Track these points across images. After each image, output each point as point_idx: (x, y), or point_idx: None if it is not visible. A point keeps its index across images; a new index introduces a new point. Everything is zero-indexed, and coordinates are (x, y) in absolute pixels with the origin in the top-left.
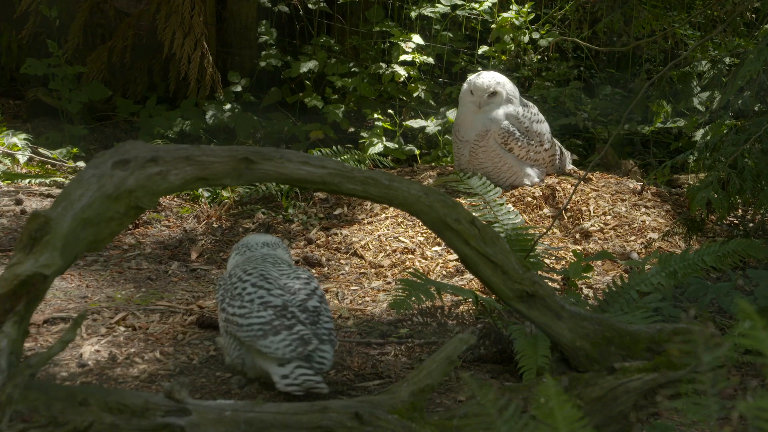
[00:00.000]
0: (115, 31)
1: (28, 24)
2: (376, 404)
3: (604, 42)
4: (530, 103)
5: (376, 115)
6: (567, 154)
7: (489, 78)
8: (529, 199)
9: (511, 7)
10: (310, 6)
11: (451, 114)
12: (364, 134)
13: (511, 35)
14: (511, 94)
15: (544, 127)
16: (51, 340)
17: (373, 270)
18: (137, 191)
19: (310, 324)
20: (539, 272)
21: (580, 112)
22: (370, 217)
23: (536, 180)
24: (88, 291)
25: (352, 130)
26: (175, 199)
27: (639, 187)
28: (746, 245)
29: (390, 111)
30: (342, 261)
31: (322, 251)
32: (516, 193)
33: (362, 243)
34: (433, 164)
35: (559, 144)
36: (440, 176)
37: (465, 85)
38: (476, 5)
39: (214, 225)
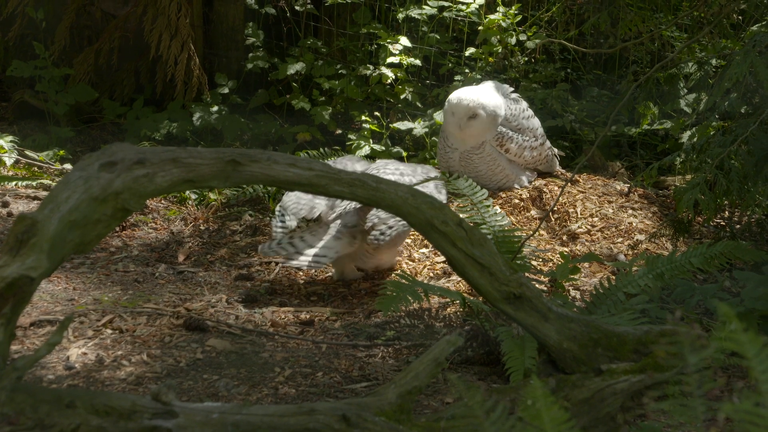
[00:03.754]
0: (102, 33)
1: (15, 26)
2: (364, 406)
3: (591, 44)
4: (520, 99)
5: (363, 117)
6: (555, 151)
7: (468, 100)
8: (516, 200)
9: (498, 9)
10: (297, 8)
11: (438, 116)
12: (351, 136)
13: (498, 37)
14: (495, 111)
15: (536, 122)
16: (38, 343)
17: (360, 272)
18: (124, 193)
19: None
20: (526, 274)
21: (567, 113)
22: None
23: (525, 184)
24: (74, 293)
25: (339, 132)
26: (162, 201)
27: (626, 189)
28: (733, 247)
29: (377, 113)
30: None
31: None
32: (503, 195)
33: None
34: None
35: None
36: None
37: (447, 104)
38: (463, 7)
39: (201, 227)
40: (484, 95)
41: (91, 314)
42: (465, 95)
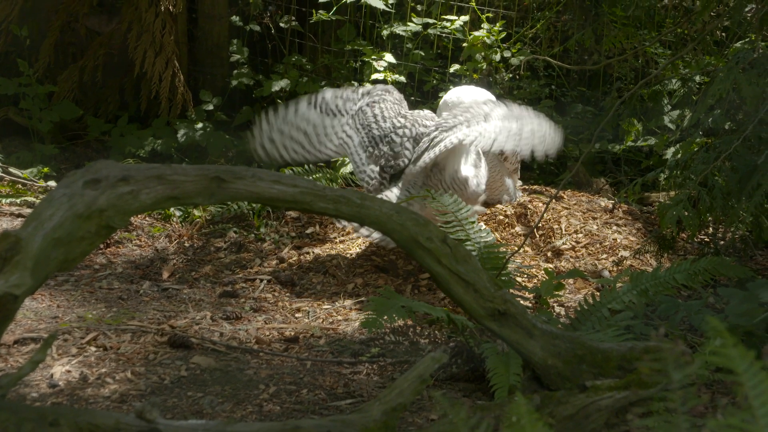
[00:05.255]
0: (87, 50)
1: None
2: (349, 423)
3: (576, 60)
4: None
5: None
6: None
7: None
8: (501, 217)
9: (482, 25)
10: (281, 25)
11: None
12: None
13: (483, 54)
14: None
15: None
16: (21, 361)
17: (344, 289)
18: (108, 210)
19: None
20: (511, 290)
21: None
22: (342, 235)
23: (514, 199)
24: (58, 311)
25: None
26: (147, 218)
27: (610, 205)
28: (717, 263)
29: None
30: (314, 280)
31: (294, 270)
32: (488, 212)
33: (334, 262)
34: None
35: None
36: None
37: (446, 105)
38: (448, 24)
39: (186, 244)
40: (484, 94)
41: (75, 332)
42: (463, 93)
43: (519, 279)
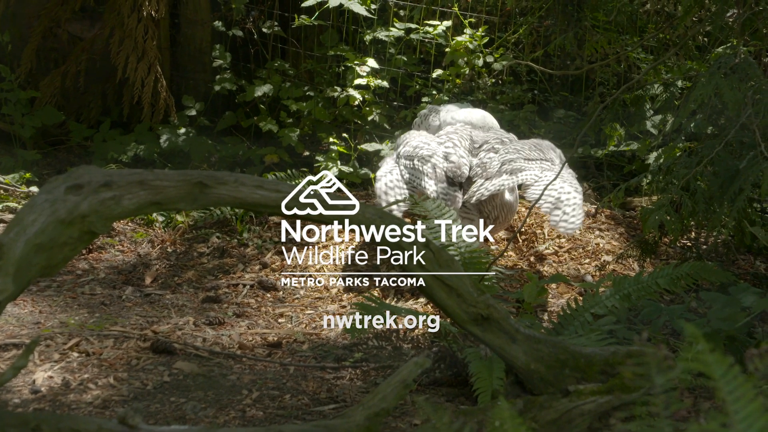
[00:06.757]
0: (69, 55)
1: None
2: (332, 428)
3: (558, 65)
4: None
5: (331, 139)
6: None
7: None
8: None
9: (465, 30)
10: (264, 30)
11: None
12: (319, 158)
13: (466, 59)
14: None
15: None
16: (3, 367)
17: (328, 293)
18: (91, 216)
19: None
20: (494, 295)
21: (535, 135)
22: (326, 240)
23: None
24: (41, 316)
25: (307, 153)
26: (129, 223)
27: (593, 210)
28: (699, 268)
29: (345, 135)
30: (297, 285)
31: (277, 275)
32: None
33: (317, 267)
34: None
35: None
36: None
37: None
38: (430, 29)
39: (169, 249)
40: (487, 115)
41: (57, 337)
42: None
43: (502, 284)
